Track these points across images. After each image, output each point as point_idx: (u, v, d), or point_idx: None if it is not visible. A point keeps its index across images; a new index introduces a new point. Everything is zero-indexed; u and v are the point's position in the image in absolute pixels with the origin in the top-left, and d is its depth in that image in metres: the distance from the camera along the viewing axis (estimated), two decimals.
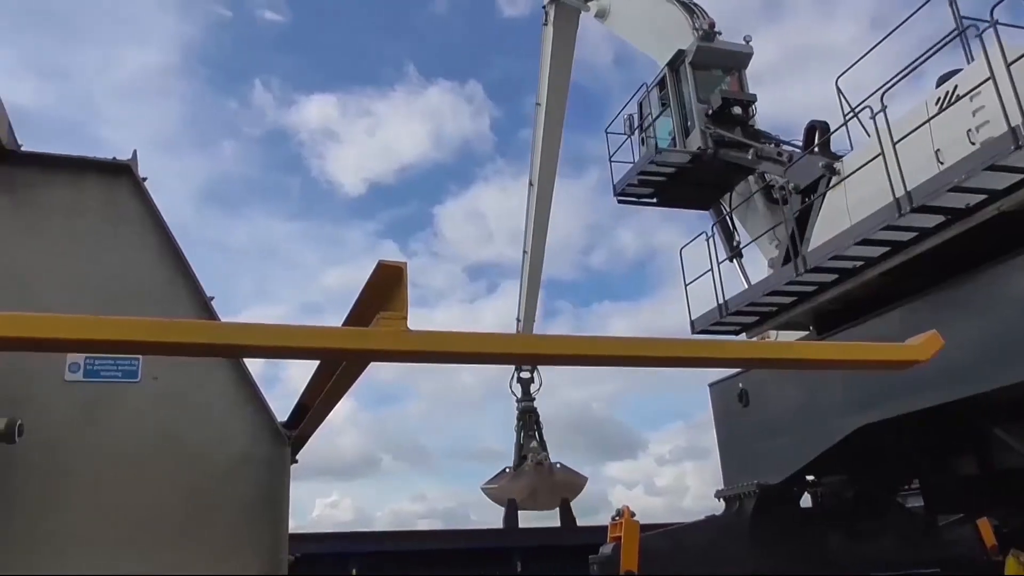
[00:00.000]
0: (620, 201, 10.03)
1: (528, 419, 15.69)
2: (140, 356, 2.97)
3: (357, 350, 2.00)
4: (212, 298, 3.19)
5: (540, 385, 16.02)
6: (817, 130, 8.06)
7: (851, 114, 6.76)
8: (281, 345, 1.89)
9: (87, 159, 3.19)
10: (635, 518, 7.21)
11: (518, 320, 16.00)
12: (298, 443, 3.22)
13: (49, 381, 2.88)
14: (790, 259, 7.16)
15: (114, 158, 3.22)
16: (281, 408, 3.28)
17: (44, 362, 2.86)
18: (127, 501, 2.85)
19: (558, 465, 15.06)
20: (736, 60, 9.52)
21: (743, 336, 8.48)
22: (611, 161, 9.97)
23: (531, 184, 14.77)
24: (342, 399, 2.73)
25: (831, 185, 7.25)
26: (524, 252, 15.45)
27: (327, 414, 2.98)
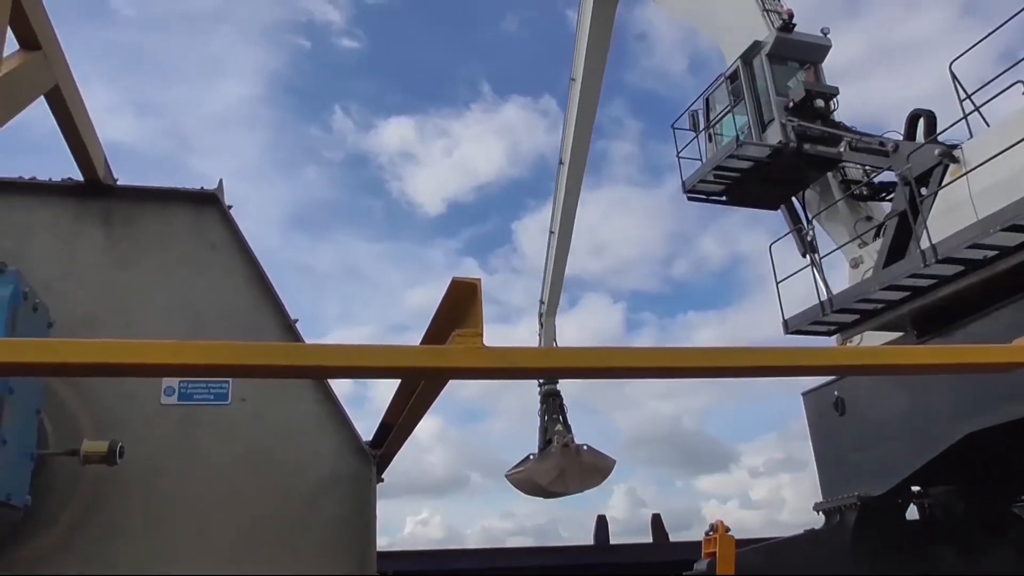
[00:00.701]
0: (690, 198, 9.82)
1: (552, 402, 15.11)
2: (230, 379, 3.05)
3: (434, 368, 1.99)
4: (296, 320, 3.27)
5: None
6: (921, 118, 7.70)
7: (968, 98, 6.40)
8: (359, 365, 1.89)
9: (176, 190, 3.32)
10: (730, 533, 6.99)
11: (541, 302, 15.36)
12: (383, 461, 3.25)
13: (147, 405, 2.99)
14: (895, 255, 6.83)
15: (201, 188, 3.33)
16: (370, 427, 3.32)
17: (141, 387, 2.97)
18: (220, 520, 2.93)
19: (585, 447, 14.33)
20: (814, 53, 9.23)
21: (836, 338, 8.17)
22: (679, 158, 9.78)
23: (561, 163, 14.18)
24: (424, 417, 2.73)
25: (947, 174, 6.86)
26: (551, 232, 14.78)
27: (410, 432, 2.99)
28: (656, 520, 13.89)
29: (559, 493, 13.92)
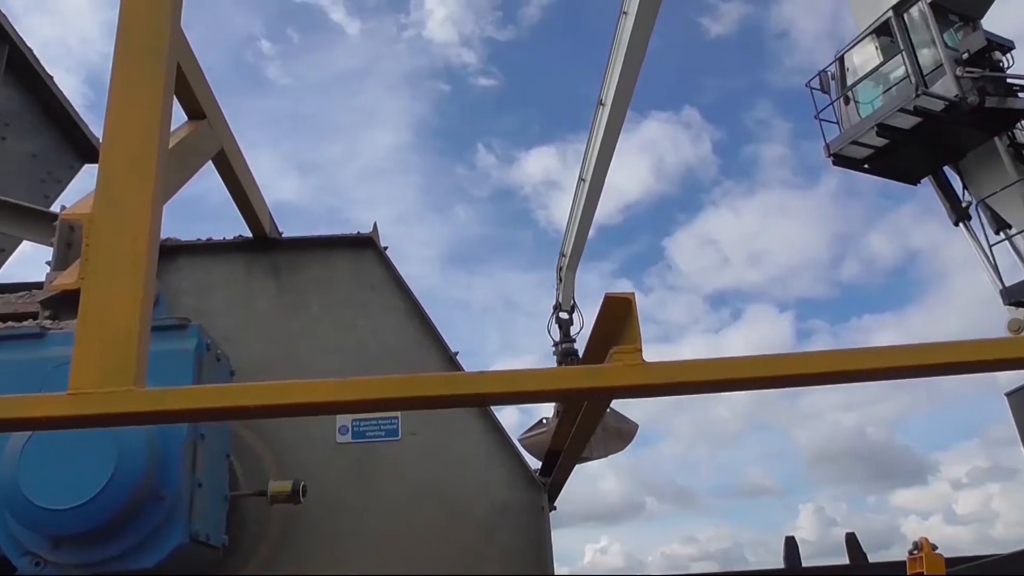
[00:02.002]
0: (835, 162, 9.16)
1: (569, 363, 13.89)
2: (399, 415, 3.13)
3: (594, 388, 1.92)
4: (456, 353, 3.31)
5: (581, 327, 13.94)
6: None
7: None
8: (520, 390, 1.86)
9: (335, 236, 3.47)
10: (937, 551, 6.39)
11: (562, 255, 14.07)
12: (554, 489, 3.20)
13: (323, 444, 3.11)
14: None
15: (358, 232, 3.46)
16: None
17: (318, 427, 3.10)
18: (399, 553, 2.98)
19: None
20: (976, 6, 8.45)
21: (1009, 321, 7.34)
22: (818, 120, 9.17)
23: (601, 103, 12.95)
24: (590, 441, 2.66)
25: None
26: (581, 180, 13.49)
27: (578, 458, 2.92)
28: (851, 540, 12.88)
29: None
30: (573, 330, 14.58)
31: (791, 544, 13.03)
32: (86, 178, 8.00)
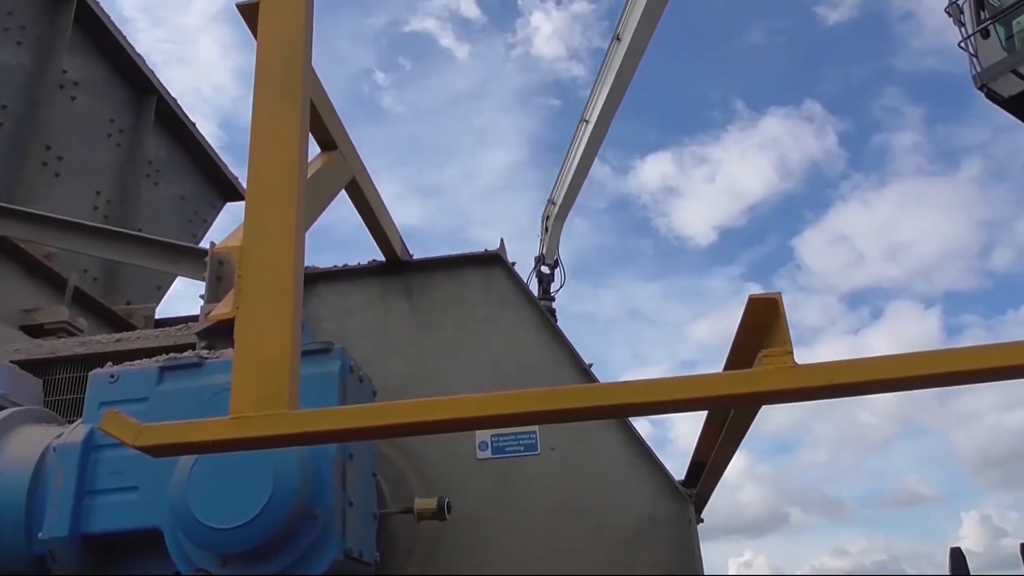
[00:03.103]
0: (988, 95, 8.38)
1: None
2: (537, 428, 3.13)
3: (744, 394, 1.85)
4: (591, 365, 3.28)
5: (562, 284, 13.11)
6: None
7: None
8: (665, 399, 1.81)
9: (464, 255, 3.53)
10: None
11: (551, 202, 13.06)
12: (700, 501, 3.11)
13: (464, 461, 3.15)
14: None
15: (485, 250, 3.50)
16: (675, 469, 3.22)
17: (458, 444, 3.14)
18: (545, 569, 2.97)
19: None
20: None
21: None
22: (964, 48, 8.41)
23: (617, 39, 12.01)
24: (737, 451, 2.57)
25: None
26: (584, 121, 12.49)
27: (725, 468, 2.83)
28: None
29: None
30: (554, 287, 13.63)
31: (958, 555, 11.92)
32: (226, 216, 8.55)
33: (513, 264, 3.48)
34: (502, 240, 3.50)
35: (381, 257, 3.52)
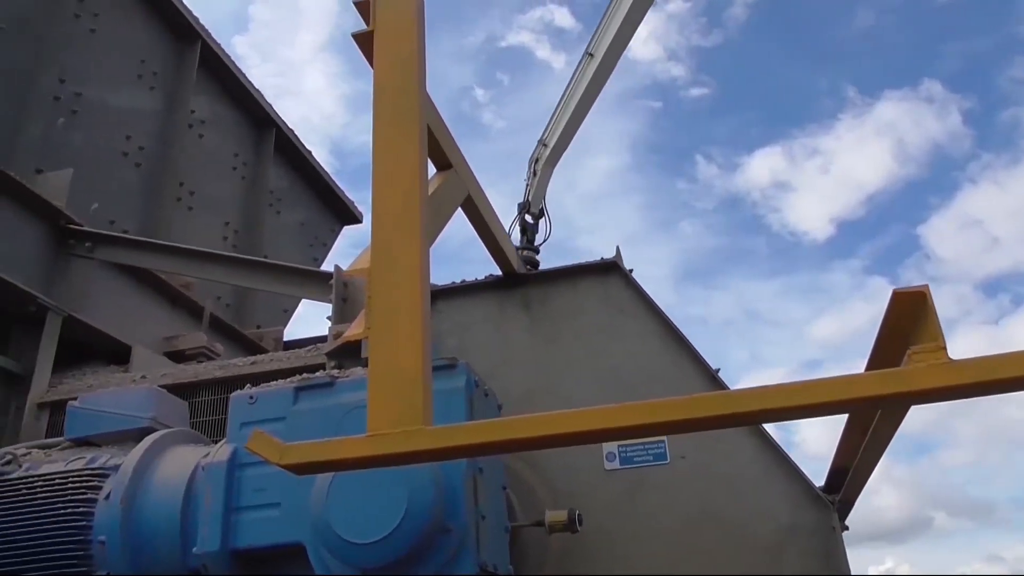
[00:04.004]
0: None
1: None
2: (666, 437, 3.07)
3: (893, 395, 1.74)
4: (718, 370, 3.19)
5: (547, 236, 11.67)
6: None
7: None
8: (806, 403, 1.73)
9: (580, 265, 3.52)
10: None
11: (543, 144, 11.53)
12: (844, 508, 2.96)
13: (592, 473, 3.12)
14: None
15: (601, 258, 3.48)
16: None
17: (585, 456, 3.12)
18: None
19: None
20: None
21: None
22: None
23: None
24: (884, 454, 2.43)
25: None
26: (588, 55, 11.15)
27: (870, 473, 2.68)
28: None
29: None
30: (538, 239, 12.35)
31: None
32: (344, 239, 8.87)
33: (630, 271, 3.44)
34: (618, 248, 3.47)
35: (498, 271, 3.56)
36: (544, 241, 12.25)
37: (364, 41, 2.25)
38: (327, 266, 8.08)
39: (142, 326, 5.14)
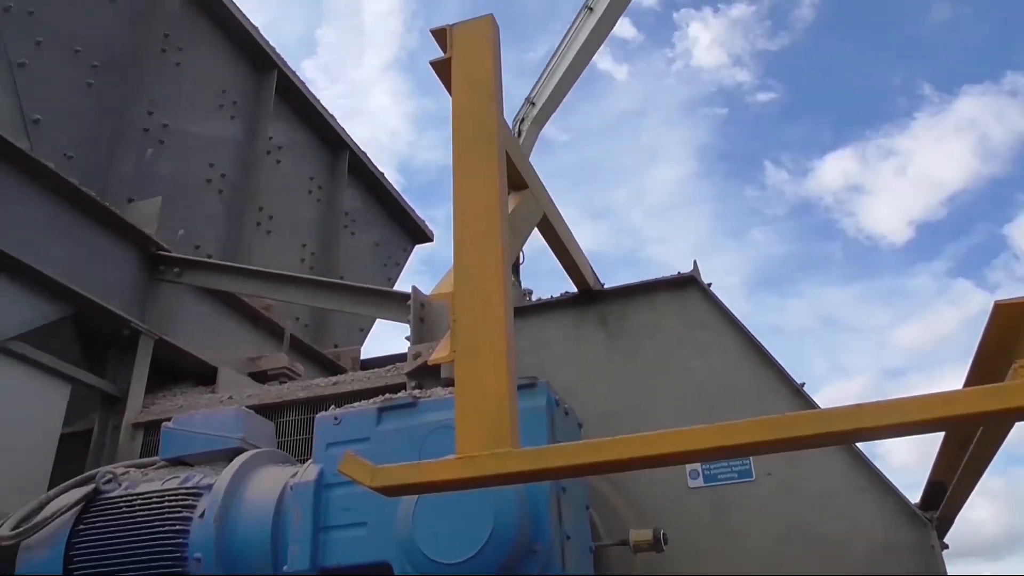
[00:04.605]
0: None
1: None
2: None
3: (998, 411, 1.67)
4: (803, 384, 3.11)
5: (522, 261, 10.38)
6: None
7: None
8: (905, 421, 1.68)
9: (657, 280, 3.48)
10: None
11: (530, 103, 10.62)
12: (942, 525, 2.84)
13: (675, 491, 3.08)
14: None
15: (679, 273, 3.44)
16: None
17: (668, 473, 3.07)
18: None
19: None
20: None
21: None
22: None
23: None
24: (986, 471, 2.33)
25: None
26: (587, 8, 10.33)
27: (971, 490, 2.57)
28: None
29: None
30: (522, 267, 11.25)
31: None
32: (415, 257, 8.99)
33: (709, 285, 3.39)
34: (695, 262, 3.43)
35: (572, 289, 3.56)
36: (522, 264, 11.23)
37: (441, 68, 2.29)
38: (400, 285, 8.24)
39: (226, 347, 5.33)
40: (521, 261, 11.07)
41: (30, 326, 3.99)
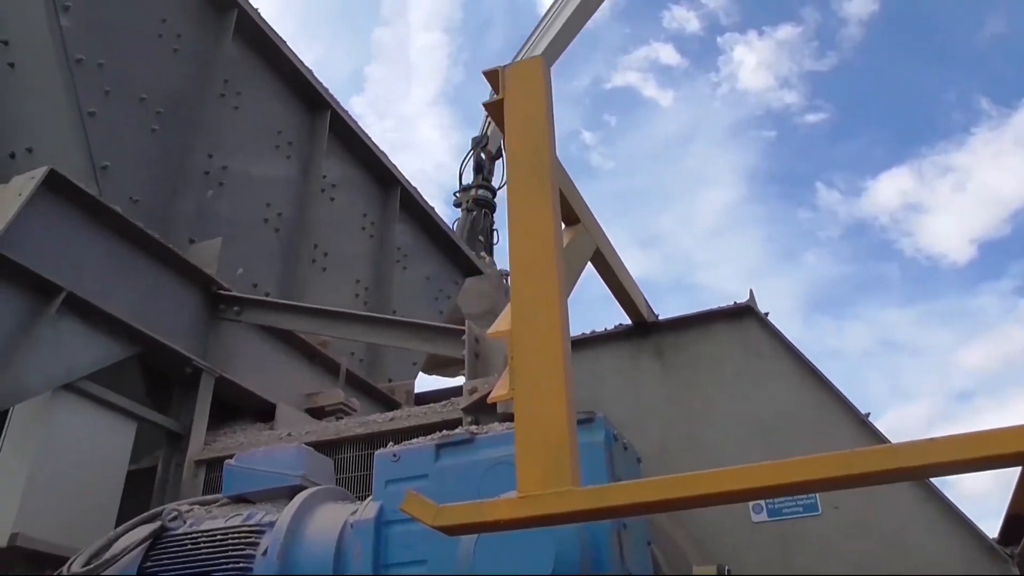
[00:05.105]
0: None
1: (479, 216, 10.30)
2: None
3: None
4: (868, 414, 3.03)
5: (504, 179, 9.70)
6: None
7: None
8: (980, 456, 1.63)
9: (713, 311, 3.46)
10: None
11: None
12: None
13: (739, 525, 3.02)
14: None
15: (735, 303, 3.41)
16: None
17: (730, 508, 3.01)
18: None
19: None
20: None
21: None
22: None
23: None
24: None
25: None
26: None
27: None
28: None
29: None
30: (495, 181, 10.79)
31: None
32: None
33: (766, 314, 3.35)
34: (751, 291, 3.40)
35: (626, 321, 3.54)
36: (502, 185, 10.59)
37: (495, 109, 2.33)
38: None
39: (283, 384, 5.41)
40: (495, 241, 10.78)
41: (99, 365, 4.12)
